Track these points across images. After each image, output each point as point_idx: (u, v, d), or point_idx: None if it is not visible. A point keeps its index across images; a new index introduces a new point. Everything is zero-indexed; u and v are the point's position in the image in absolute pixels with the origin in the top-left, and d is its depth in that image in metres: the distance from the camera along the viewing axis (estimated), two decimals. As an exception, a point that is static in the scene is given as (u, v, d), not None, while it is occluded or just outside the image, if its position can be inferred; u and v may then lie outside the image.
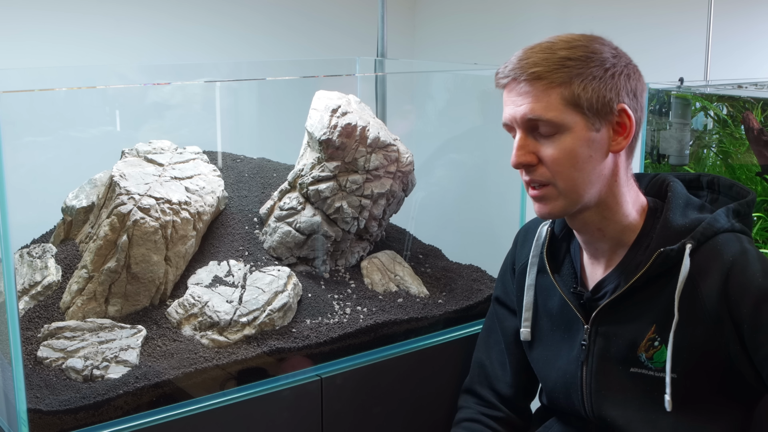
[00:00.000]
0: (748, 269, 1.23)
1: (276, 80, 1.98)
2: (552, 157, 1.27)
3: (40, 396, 1.31)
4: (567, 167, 1.27)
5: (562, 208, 1.30)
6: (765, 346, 1.22)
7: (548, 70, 1.25)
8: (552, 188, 1.29)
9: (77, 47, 2.45)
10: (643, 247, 1.32)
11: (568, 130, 1.26)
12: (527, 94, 1.27)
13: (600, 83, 1.25)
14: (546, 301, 1.46)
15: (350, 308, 1.65)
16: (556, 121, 1.25)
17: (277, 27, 2.89)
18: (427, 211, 2.08)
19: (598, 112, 1.26)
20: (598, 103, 1.25)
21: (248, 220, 1.76)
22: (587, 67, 1.25)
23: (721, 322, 1.24)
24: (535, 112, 1.26)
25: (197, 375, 1.41)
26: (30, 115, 1.58)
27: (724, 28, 2.26)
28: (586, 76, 1.25)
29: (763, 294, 1.21)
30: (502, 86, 1.32)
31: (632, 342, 1.31)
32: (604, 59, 1.27)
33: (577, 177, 1.27)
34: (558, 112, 1.25)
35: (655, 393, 1.30)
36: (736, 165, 1.86)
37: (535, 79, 1.26)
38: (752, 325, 1.22)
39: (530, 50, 1.28)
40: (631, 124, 1.27)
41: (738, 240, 1.27)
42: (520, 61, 1.28)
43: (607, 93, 1.25)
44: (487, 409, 1.54)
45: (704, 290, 1.25)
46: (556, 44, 1.28)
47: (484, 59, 2.88)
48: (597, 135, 1.27)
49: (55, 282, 1.54)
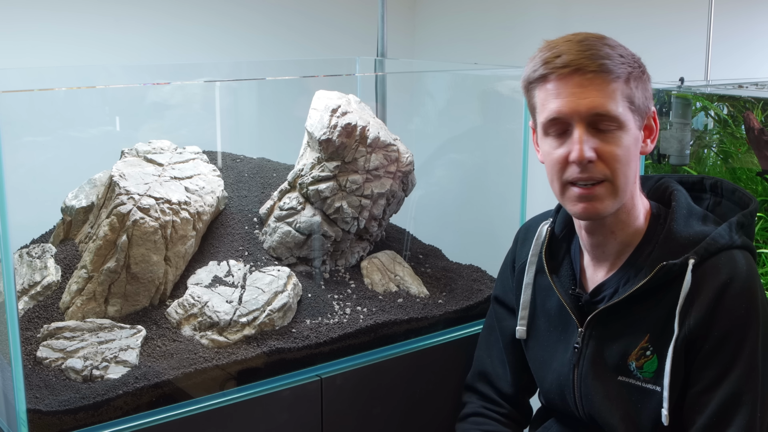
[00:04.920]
0: (738, 297, 1.23)
1: (276, 80, 1.98)
2: (613, 153, 1.24)
3: (39, 396, 1.31)
4: (624, 164, 1.25)
5: (611, 207, 1.28)
6: (710, 370, 1.23)
7: (614, 64, 1.22)
8: (607, 186, 1.26)
9: (77, 47, 2.45)
10: (645, 253, 1.31)
11: (626, 127, 1.25)
12: (593, 86, 1.22)
13: (643, 83, 1.26)
14: (545, 301, 1.46)
15: (350, 308, 1.65)
16: (621, 117, 1.23)
17: (277, 27, 2.89)
18: (427, 211, 2.08)
19: (642, 112, 1.27)
20: (642, 104, 1.26)
21: (248, 220, 1.75)
22: (633, 67, 1.25)
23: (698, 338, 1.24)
24: (603, 107, 1.22)
25: (197, 375, 1.41)
26: (29, 115, 1.57)
27: (725, 28, 2.26)
28: (634, 76, 1.25)
29: (738, 325, 1.22)
30: (553, 77, 1.24)
31: (624, 349, 1.31)
32: (636, 60, 1.26)
33: (629, 175, 1.27)
34: (623, 107, 1.24)
35: (639, 404, 1.30)
36: (736, 165, 1.86)
37: (604, 71, 1.21)
38: (713, 347, 1.23)
39: (584, 42, 1.23)
40: (656, 127, 1.29)
41: (740, 259, 1.26)
42: (581, 52, 1.22)
43: (647, 93, 1.27)
44: (489, 405, 1.55)
45: (696, 306, 1.25)
46: (605, 38, 1.25)
47: (484, 59, 2.88)
48: (639, 135, 1.28)
49: (55, 282, 1.54)
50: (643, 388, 1.30)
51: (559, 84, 1.24)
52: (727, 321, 1.23)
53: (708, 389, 1.24)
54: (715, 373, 1.23)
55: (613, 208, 1.28)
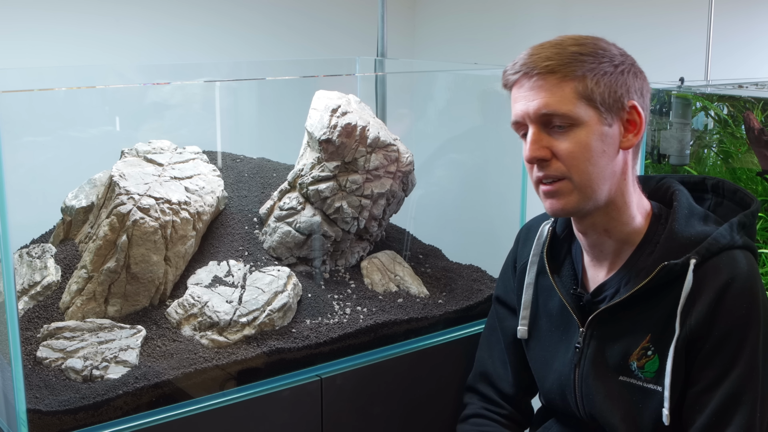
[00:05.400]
0: (739, 297, 1.23)
1: (276, 80, 1.98)
2: (567, 150, 1.26)
3: (39, 396, 1.31)
4: (582, 161, 1.26)
5: (576, 204, 1.29)
6: (711, 370, 1.24)
7: (561, 64, 1.25)
8: (567, 183, 1.28)
9: (77, 47, 2.45)
10: (646, 253, 1.31)
11: (582, 123, 1.26)
12: (540, 88, 1.26)
13: (612, 78, 1.26)
14: (547, 301, 1.46)
15: (350, 308, 1.65)
16: (570, 114, 1.25)
17: (277, 27, 2.89)
18: (427, 211, 2.08)
19: (610, 107, 1.26)
20: (610, 98, 1.26)
21: (248, 220, 1.75)
22: (598, 63, 1.26)
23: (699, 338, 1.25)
24: (549, 106, 1.25)
25: (197, 375, 1.41)
26: (29, 115, 1.57)
27: (725, 28, 2.26)
28: (598, 71, 1.25)
29: (739, 325, 1.22)
30: (511, 84, 1.31)
31: (625, 349, 1.31)
32: (613, 56, 1.28)
33: (592, 171, 1.27)
34: (572, 105, 1.25)
35: (640, 404, 1.30)
36: (736, 165, 1.86)
37: (549, 72, 1.25)
38: (713, 346, 1.23)
39: (539, 47, 1.29)
40: (641, 121, 1.28)
41: (741, 259, 1.27)
42: (530, 57, 1.27)
43: (618, 89, 1.26)
44: (490, 406, 1.55)
45: (697, 306, 1.25)
46: (565, 41, 1.28)
47: (484, 59, 2.88)
48: (609, 130, 1.27)
49: (55, 282, 1.54)
50: (644, 388, 1.30)
51: (516, 89, 1.30)
52: (728, 321, 1.23)
53: (708, 389, 1.24)
54: (716, 372, 1.23)
55: (582, 204, 1.29)
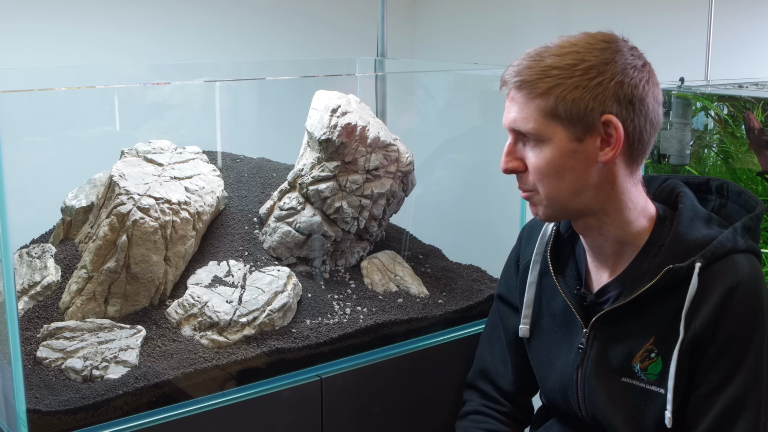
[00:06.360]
0: (744, 301, 1.23)
1: (276, 80, 1.98)
2: (534, 165, 1.28)
3: (39, 396, 1.31)
4: (548, 176, 1.27)
5: (547, 215, 1.32)
6: (715, 374, 1.23)
7: (530, 80, 1.24)
8: (536, 194, 1.30)
9: (77, 47, 2.45)
10: (650, 255, 1.31)
11: (548, 140, 1.25)
12: (513, 101, 1.28)
13: (582, 93, 1.21)
14: (549, 300, 1.46)
15: (350, 308, 1.65)
16: (533, 132, 1.25)
17: (277, 27, 2.89)
18: (427, 211, 2.08)
19: (579, 123, 1.23)
20: (578, 114, 1.22)
21: (248, 220, 1.75)
22: (570, 77, 1.22)
23: (704, 341, 1.25)
24: (516, 122, 1.27)
25: (197, 375, 1.41)
26: (29, 115, 1.57)
27: (725, 28, 2.26)
28: (567, 87, 1.21)
29: (743, 328, 1.22)
30: (504, 91, 1.32)
31: (629, 351, 1.31)
32: (591, 67, 1.22)
33: (558, 186, 1.27)
34: (536, 123, 1.24)
35: (643, 406, 1.30)
36: (736, 165, 1.86)
37: (518, 88, 1.26)
38: (718, 350, 1.23)
39: (525, 56, 1.28)
40: (617, 134, 1.23)
41: (745, 263, 1.26)
42: (511, 67, 1.28)
43: (589, 103, 1.21)
44: (490, 403, 1.55)
45: (702, 310, 1.24)
46: (548, 50, 1.26)
47: (484, 59, 2.88)
48: (581, 146, 1.24)
49: (55, 282, 1.54)
50: (647, 390, 1.30)
51: (507, 98, 1.31)
52: (733, 324, 1.22)
53: (712, 392, 1.24)
54: (720, 376, 1.23)
55: (555, 214, 1.32)
